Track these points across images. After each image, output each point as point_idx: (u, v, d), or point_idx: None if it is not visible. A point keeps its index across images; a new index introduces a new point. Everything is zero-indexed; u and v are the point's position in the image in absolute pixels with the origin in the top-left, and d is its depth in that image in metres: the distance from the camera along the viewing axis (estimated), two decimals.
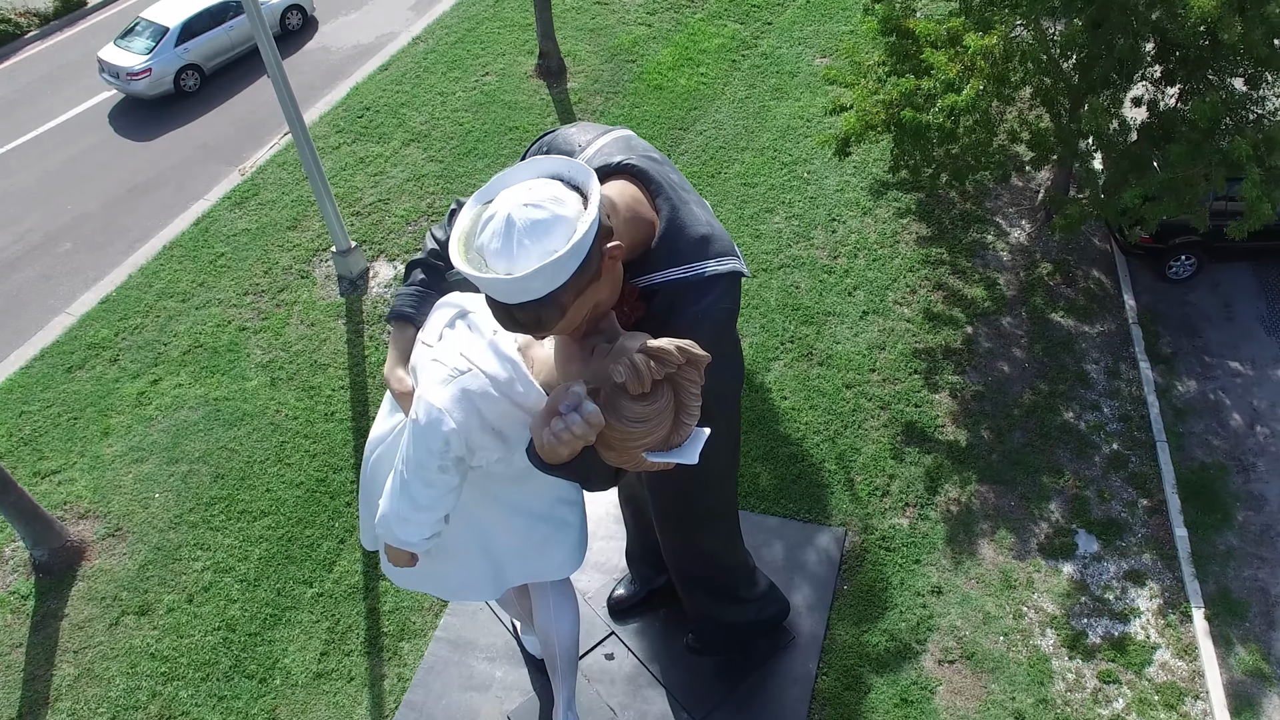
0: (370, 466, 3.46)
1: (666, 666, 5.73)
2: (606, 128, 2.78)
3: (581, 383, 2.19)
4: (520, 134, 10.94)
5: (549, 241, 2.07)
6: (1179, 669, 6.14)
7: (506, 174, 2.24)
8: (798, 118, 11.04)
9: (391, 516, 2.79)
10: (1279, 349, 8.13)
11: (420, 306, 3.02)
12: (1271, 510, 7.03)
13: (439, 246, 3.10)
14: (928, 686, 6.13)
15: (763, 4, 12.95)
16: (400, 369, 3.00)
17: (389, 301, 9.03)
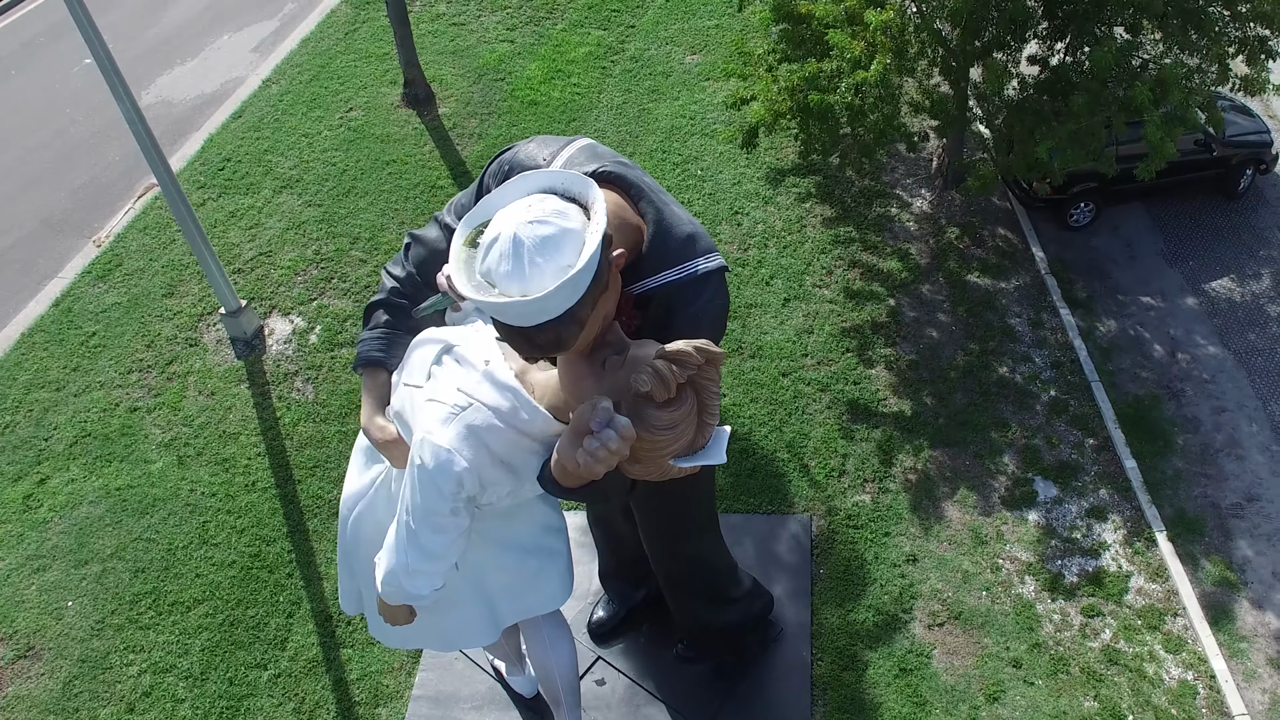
0: (350, 526, 3.42)
1: (661, 681, 5.85)
2: (566, 139, 2.82)
3: (606, 398, 2.19)
4: (399, 167, 10.93)
5: (560, 257, 2.07)
6: (1154, 592, 6.68)
7: (495, 195, 2.26)
8: (680, 117, 11.43)
9: (400, 571, 2.75)
10: (1183, 279, 8.97)
11: (389, 349, 2.99)
12: (1206, 430, 7.74)
13: (399, 284, 3.06)
14: (923, 652, 6.45)
15: (621, 8, 13.36)
16: (379, 417, 2.97)
17: (294, 358, 8.86)
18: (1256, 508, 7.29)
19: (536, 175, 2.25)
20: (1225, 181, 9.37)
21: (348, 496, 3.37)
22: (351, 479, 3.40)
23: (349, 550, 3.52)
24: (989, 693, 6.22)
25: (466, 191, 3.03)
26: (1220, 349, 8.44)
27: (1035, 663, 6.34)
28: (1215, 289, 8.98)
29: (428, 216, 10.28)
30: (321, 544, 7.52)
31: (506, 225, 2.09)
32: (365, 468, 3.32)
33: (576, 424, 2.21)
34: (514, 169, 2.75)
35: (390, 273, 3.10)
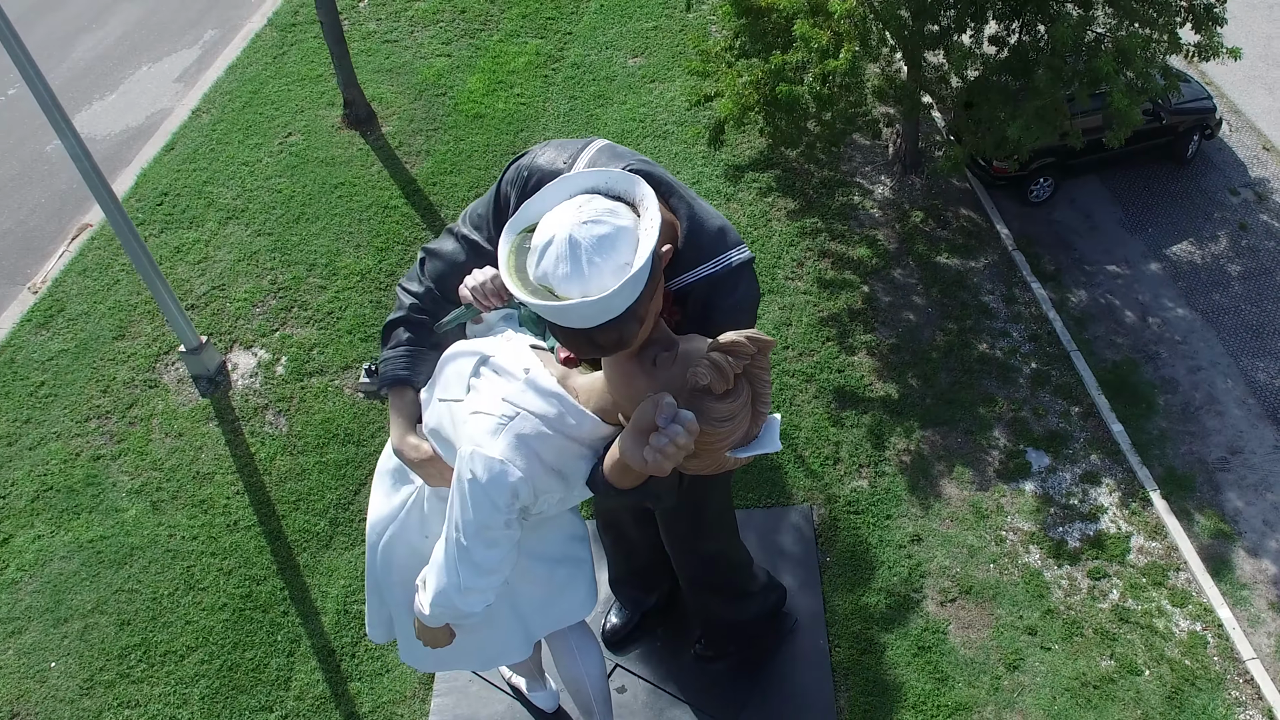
0: (380, 552, 3.41)
1: (682, 683, 5.99)
2: (582, 141, 2.89)
3: (667, 394, 2.24)
4: (348, 189, 10.94)
5: (617, 255, 2.11)
6: (1154, 549, 7.06)
7: (537, 199, 2.31)
8: (630, 120, 11.67)
9: (451, 590, 2.77)
10: (1144, 245, 9.48)
11: (414, 367, 3.01)
12: (1184, 389, 8.20)
13: (418, 300, 3.08)
14: (938, 629, 6.71)
15: (556, 15, 13.58)
16: (411, 436, 2.99)
17: (261, 392, 8.82)
18: (1240, 460, 7.75)
19: (579, 176, 2.30)
20: (1174, 148, 9.93)
21: (375, 521, 3.38)
22: (378, 503, 3.40)
23: (379, 576, 3.50)
24: (1008, 662, 6.50)
25: (481, 201, 3.06)
26: (1188, 310, 8.94)
27: (1049, 628, 6.65)
28: (1176, 253, 9.50)
29: (384, 238, 10.32)
30: (314, 578, 7.51)
31: (560, 227, 2.12)
32: (393, 490, 3.34)
33: (639, 422, 2.26)
34: (533, 174, 2.80)
35: (407, 289, 3.11)
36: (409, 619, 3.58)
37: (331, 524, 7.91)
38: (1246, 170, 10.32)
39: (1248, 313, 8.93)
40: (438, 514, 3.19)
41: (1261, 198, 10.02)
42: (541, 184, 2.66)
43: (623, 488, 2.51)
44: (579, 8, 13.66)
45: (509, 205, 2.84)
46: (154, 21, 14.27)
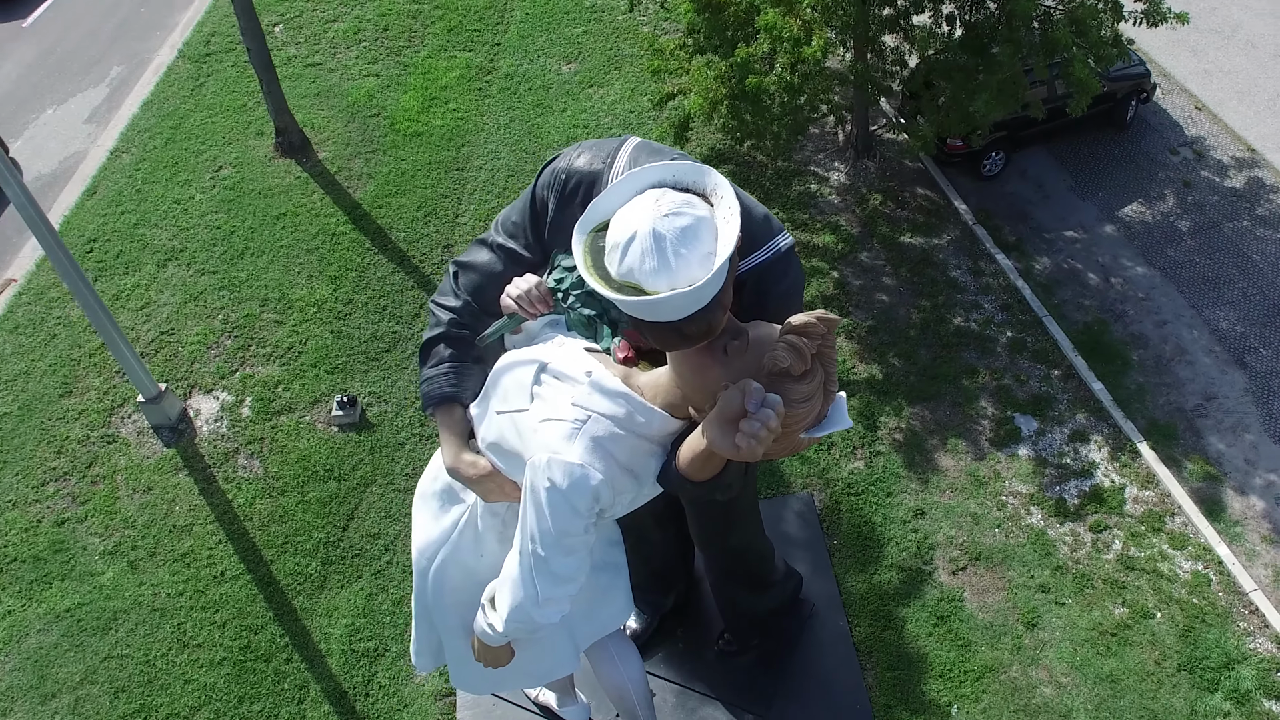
0: (431, 578, 3.47)
1: (710, 681, 6.20)
2: (615, 140, 2.98)
3: (752, 380, 2.32)
4: (291, 219, 10.97)
5: (700, 245, 2.22)
6: (1149, 498, 7.56)
7: (603, 198, 2.40)
8: (573, 127, 11.94)
9: (529, 603, 2.83)
10: (1097, 209, 10.10)
11: (461, 382, 3.07)
12: (1154, 343, 8.80)
13: (456, 314, 3.13)
14: (954, 597, 7.09)
15: (482, 27, 13.81)
16: (466, 453, 3.03)
17: (229, 436, 8.81)
18: (1216, 405, 8.35)
19: (645, 172, 2.39)
20: (1113, 114, 10.60)
21: (424, 546, 3.36)
22: (425, 528, 3.38)
23: (430, 602, 3.55)
24: (1026, 621, 6.91)
25: (514, 208, 3.09)
26: (1147, 268, 9.56)
27: (1061, 584, 7.09)
28: (1128, 214, 10.14)
29: (335, 266, 10.38)
30: (314, 620, 7.56)
31: (641, 222, 2.22)
32: (441, 512, 3.35)
33: (726, 411, 2.34)
34: (571, 176, 2.89)
35: (443, 305, 3.13)
36: (462, 642, 3.69)
37: (324, 564, 7.95)
38: (1183, 130, 11.07)
39: (1202, 265, 9.60)
40: (493, 531, 3.25)
41: (1200, 155, 10.76)
42: (581, 186, 2.81)
43: (699, 480, 2.60)
44: (504, 18, 13.91)
45: (545, 210, 2.93)
46: (52, 61, 14.06)
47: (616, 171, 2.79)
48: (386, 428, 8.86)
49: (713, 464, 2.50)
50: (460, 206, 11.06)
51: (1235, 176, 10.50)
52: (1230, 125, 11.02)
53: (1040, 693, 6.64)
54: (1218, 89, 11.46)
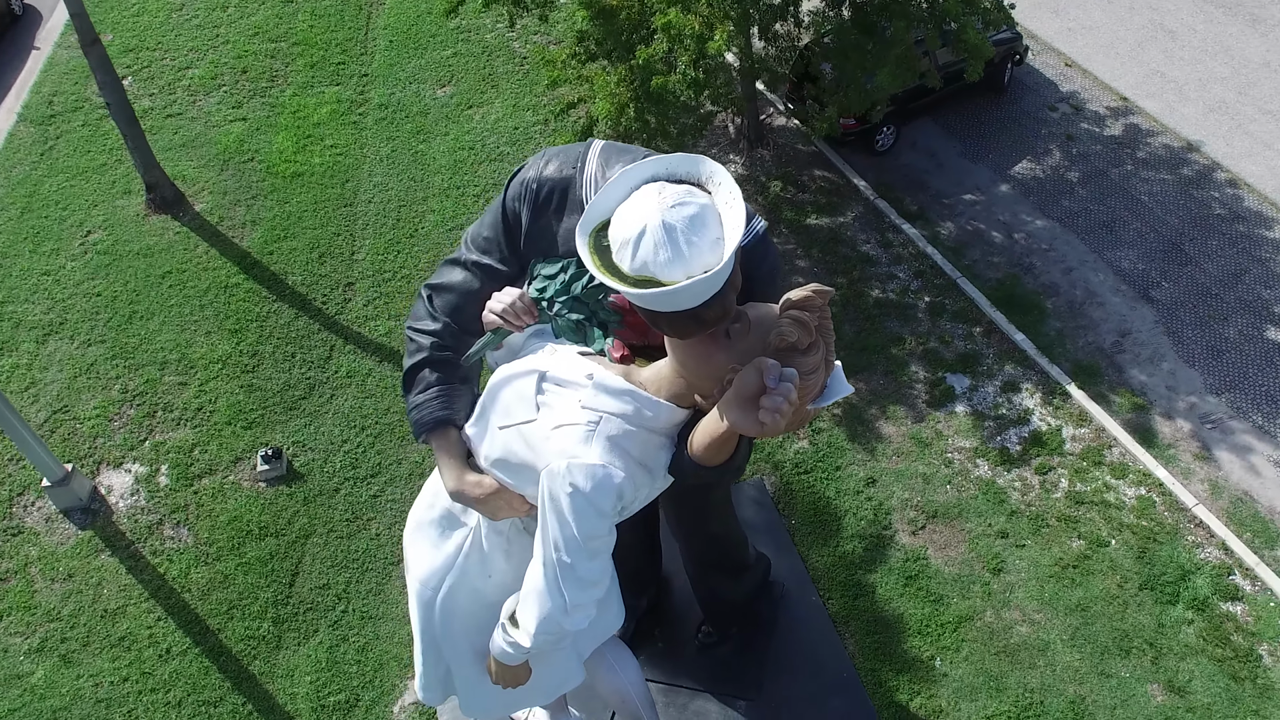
0: (439, 607, 3.53)
1: (696, 674, 6.48)
2: (578, 146, 3.09)
3: (767, 358, 2.44)
4: (177, 276, 10.87)
5: (709, 231, 2.30)
6: (1085, 435, 8.22)
7: (601, 198, 2.51)
8: (459, 150, 12.18)
9: (557, 612, 2.93)
10: (989, 171, 10.88)
11: (452, 404, 3.16)
12: (1064, 290, 9.55)
13: (438, 338, 3.22)
14: (918, 556, 7.57)
15: (345, 59, 13.93)
16: (469, 474, 3.14)
17: (149, 508, 8.69)
18: (1131, 339, 9.12)
19: (639, 168, 2.51)
20: (992, 80, 11.41)
21: (428, 576, 3.47)
22: (426, 557, 3.50)
23: (439, 632, 3.60)
24: (991, 567, 7.43)
25: (481, 224, 3.18)
26: (1046, 220, 10.34)
27: (1018, 528, 7.64)
28: (1019, 172, 10.94)
29: (234, 319, 10.33)
30: (275, 682, 7.55)
31: (648, 216, 2.31)
32: (441, 539, 3.45)
33: (743, 391, 2.46)
34: (543, 185, 3.00)
35: (421, 330, 3.22)
36: (473, 669, 3.81)
37: (275, 623, 7.94)
38: (1058, 87, 11.99)
39: (1096, 211, 10.43)
40: (499, 550, 3.38)
41: (1077, 109, 11.68)
42: (554, 193, 2.92)
43: (714, 464, 2.75)
44: (367, 48, 14.06)
45: (519, 222, 3.05)
46: None
47: (589, 175, 2.92)
48: (317, 475, 8.88)
49: (728, 447, 2.61)
50: (355, 243, 11.14)
51: (1113, 125, 11.44)
52: (1100, 78, 12.00)
53: (1016, 632, 7.15)
54: (1083, 45, 12.45)
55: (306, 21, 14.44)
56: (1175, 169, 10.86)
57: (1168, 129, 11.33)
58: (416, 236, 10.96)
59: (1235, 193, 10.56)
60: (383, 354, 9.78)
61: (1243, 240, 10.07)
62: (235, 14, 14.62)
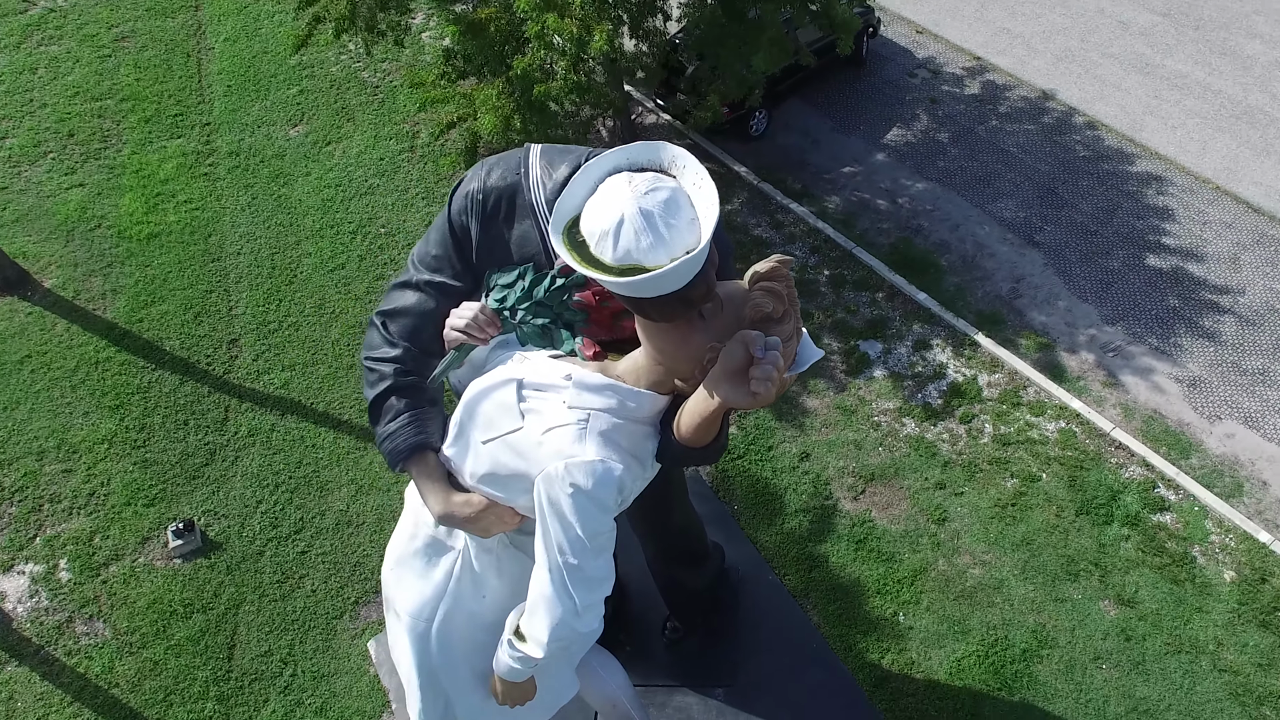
0: (435, 637, 3.60)
1: (670, 670, 6.78)
2: (514, 153, 3.15)
3: (751, 330, 2.60)
4: (39, 359, 10.59)
5: (684, 213, 2.43)
6: (1000, 380, 8.90)
7: (568, 196, 2.58)
8: (325, 188, 12.23)
9: (569, 616, 2.97)
10: (863, 142, 11.60)
11: (426, 428, 3.22)
12: (955, 246, 10.29)
13: (399, 363, 3.27)
14: (863, 520, 8.06)
15: (182, 110, 13.78)
16: (455, 494, 3.19)
17: (54, 606, 8.48)
18: (1025, 284, 9.91)
19: (601, 161, 2.57)
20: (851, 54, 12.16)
21: (419, 608, 3.53)
22: (414, 590, 3.54)
23: (437, 663, 3.69)
24: (935, 519, 7.97)
25: (428, 242, 3.25)
26: (926, 182, 11.10)
27: (953, 477, 8.22)
28: (892, 140, 11.70)
29: (114, 394, 10.13)
30: None
31: (624, 205, 2.41)
32: (428, 568, 3.50)
33: (730, 365, 2.58)
34: (489, 194, 3.09)
35: (380, 358, 3.27)
36: (475, 695, 3.92)
37: (220, 701, 7.87)
38: (914, 54, 12.86)
39: (971, 168, 11.26)
40: (491, 569, 3.48)
41: (936, 73, 12.56)
42: (502, 201, 3.02)
43: (703, 445, 2.88)
44: (204, 96, 13.94)
45: (468, 234, 3.12)
46: None
47: (534, 178, 3.01)
48: (236, 542, 8.83)
49: (715, 425, 2.74)
50: (231, 298, 11.07)
51: (971, 84, 12.34)
52: (952, 41, 12.93)
53: (970, 575, 7.70)
54: (930, 11, 13.38)
55: (131, 75, 14.22)
56: (1037, 119, 11.80)
57: (1022, 82, 12.29)
58: (297, 282, 10.97)
59: (1095, 134, 11.55)
60: (283, 406, 9.77)
61: (1110, 178, 11.03)
62: (47, 75, 14.27)
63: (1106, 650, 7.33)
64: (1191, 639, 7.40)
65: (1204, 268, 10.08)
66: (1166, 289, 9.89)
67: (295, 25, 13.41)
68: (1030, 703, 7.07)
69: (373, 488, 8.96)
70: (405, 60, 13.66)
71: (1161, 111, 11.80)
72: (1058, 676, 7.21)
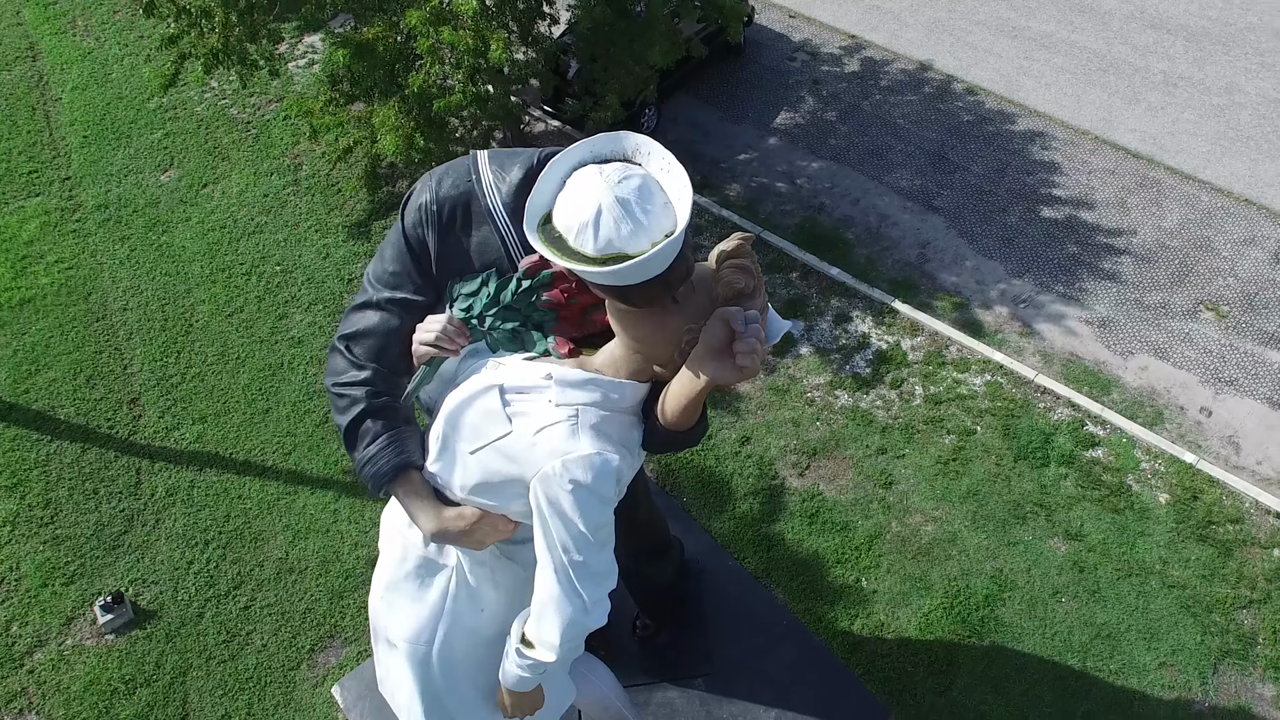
0: (436, 659, 3.65)
1: (646, 668, 7.04)
2: (461, 160, 3.21)
3: (728, 307, 2.66)
4: None
5: (657, 197, 2.55)
6: (922, 343, 9.47)
7: (537, 195, 2.65)
8: (210, 230, 12.09)
9: (578, 613, 3.03)
10: (754, 129, 12.12)
11: (406, 448, 3.26)
12: (859, 219, 10.90)
13: (370, 385, 3.28)
14: (812, 494, 8.47)
15: (36, 167, 13.49)
16: (446, 509, 3.23)
17: None
18: (932, 248, 10.53)
19: (565, 157, 2.67)
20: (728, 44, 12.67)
21: (417, 633, 3.59)
22: (409, 614, 3.61)
23: (440, 686, 3.76)
24: (882, 483, 8.44)
25: (384, 260, 3.27)
26: (821, 161, 11.65)
27: (893, 441, 8.70)
28: (782, 123, 12.23)
29: (8, 473, 9.89)
30: None
31: (600, 195, 2.51)
32: (422, 590, 3.56)
33: (711, 342, 2.66)
34: (443, 204, 3.13)
35: (349, 383, 3.29)
36: (481, 710, 4.05)
37: None
38: (789, 39, 13.45)
39: (863, 142, 11.87)
40: (486, 581, 3.54)
41: (814, 54, 13.17)
42: (457, 209, 3.10)
43: (687, 427, 2.95)
44: (58, 150, 13.67)
45: (426, 247, 3.17)
46: None
47: (487, 183, 3.10)
48: (171, 607, 8.73)
49: (699, 406, 2.86)
50: (124, 356, 10.90)
51: (850, 62, 12.99)
52: (826, 22, 13.59)
53: (924, 532, 8.17)
54: None
55: None
56: (918, 89, 12.49)
57: (899, 55, 13.00)
58: (194, 331, 10.88)
59: (975, 99, 12.29)
60: (200, 461, 9.69)
61: (995, 139, 11.77)
62: None
63: (1063, 584, 7.88)
64: (1139, 562, 8.01)
65: (1095, 214, 10.84)
66: (1064, 238, 10.61)
67: (156, 65, 13.28)
68: (1000, 644, 7.54)
69: (310, 531, 8.97)
70: (274, 92, 13.64)
71: (1034, 71, 12.62)
72: (1021, 616, 7.71)
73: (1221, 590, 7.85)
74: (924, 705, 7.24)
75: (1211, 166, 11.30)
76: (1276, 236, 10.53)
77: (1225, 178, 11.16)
